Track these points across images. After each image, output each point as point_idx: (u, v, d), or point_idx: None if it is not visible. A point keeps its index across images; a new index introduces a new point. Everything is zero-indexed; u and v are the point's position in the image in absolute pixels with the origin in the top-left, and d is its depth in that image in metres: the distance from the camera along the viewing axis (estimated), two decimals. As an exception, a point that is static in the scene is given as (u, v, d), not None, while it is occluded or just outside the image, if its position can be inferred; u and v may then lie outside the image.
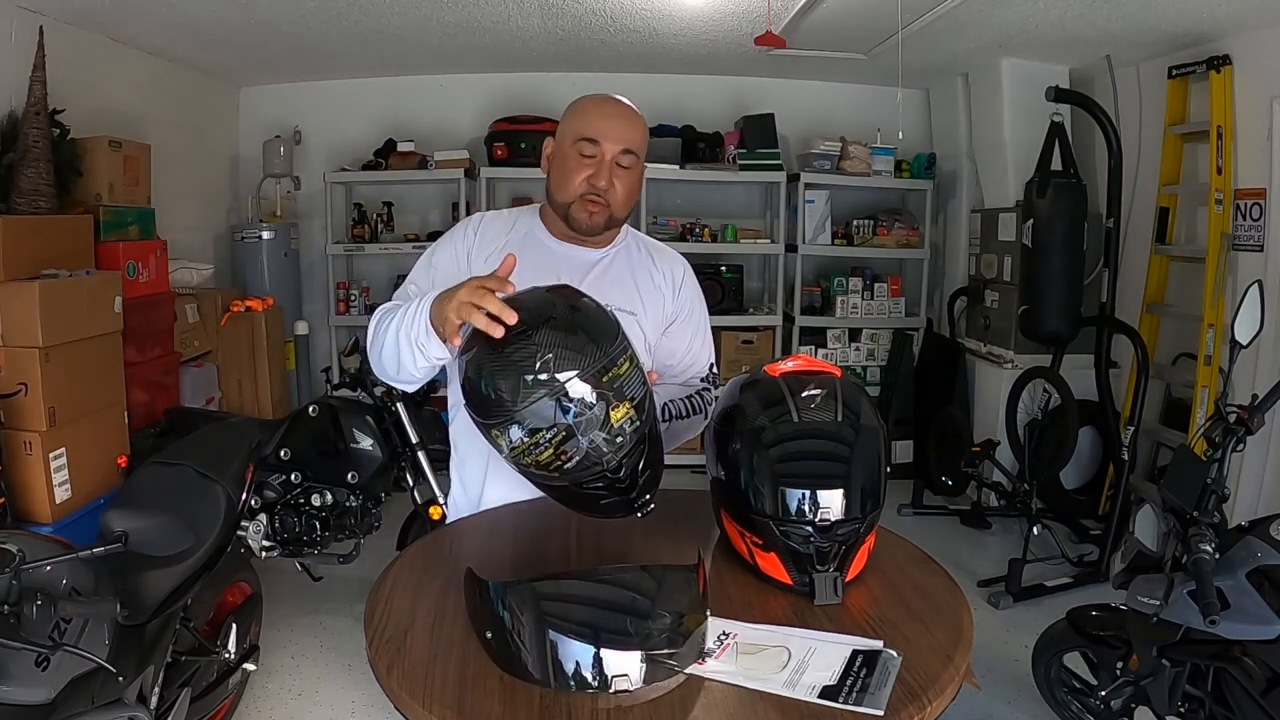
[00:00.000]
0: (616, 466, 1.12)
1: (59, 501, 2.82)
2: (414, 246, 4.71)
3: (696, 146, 4.76)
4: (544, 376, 1.06)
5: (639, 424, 1.12)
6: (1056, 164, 3.67)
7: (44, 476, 2.77)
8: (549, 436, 1.07)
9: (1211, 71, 3.46)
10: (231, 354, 4.11)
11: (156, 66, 4.10)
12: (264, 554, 3.02)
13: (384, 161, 4.77)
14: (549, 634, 0.95)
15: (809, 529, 1.16)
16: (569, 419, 1.06)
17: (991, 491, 4.02)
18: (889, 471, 1.24)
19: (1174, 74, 3.73)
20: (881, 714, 0.91)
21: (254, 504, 3.03)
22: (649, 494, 1.19)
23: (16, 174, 2.99)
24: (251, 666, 2.42)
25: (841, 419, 1.22)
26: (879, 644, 1.04)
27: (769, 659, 1.02)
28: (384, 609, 1.14)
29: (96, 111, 3.52)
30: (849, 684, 0.96)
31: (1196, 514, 1.75)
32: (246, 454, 2.22)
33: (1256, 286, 1.92)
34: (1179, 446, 2.36)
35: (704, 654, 1.01)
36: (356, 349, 4.80)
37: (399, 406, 3.09)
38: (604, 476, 1.12)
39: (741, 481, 1.21)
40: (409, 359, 1.32)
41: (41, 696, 1.47)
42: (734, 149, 4.75)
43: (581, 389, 1.06)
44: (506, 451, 1.11)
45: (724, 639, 1.06)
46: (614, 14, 3.65)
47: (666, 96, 4.82)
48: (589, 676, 0.94)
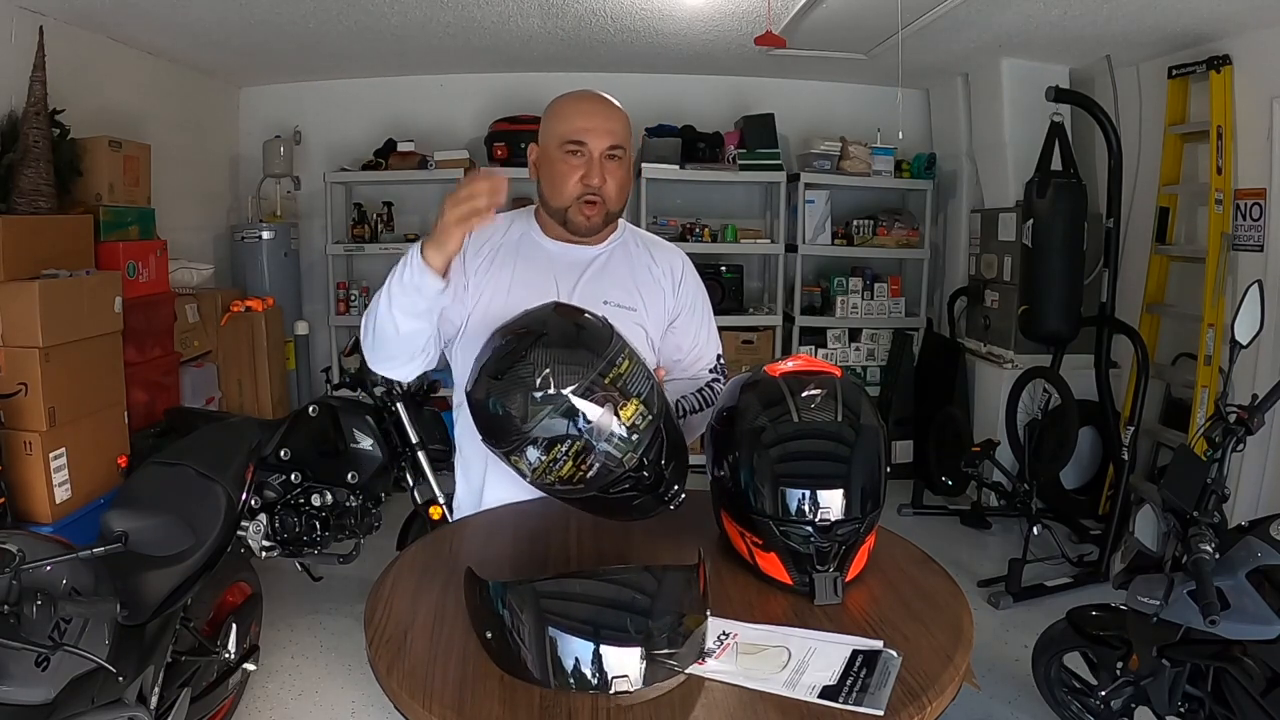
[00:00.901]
0: (638, 465, 1.13)
1: (59, 501, 2.82)
2: (414, 247, 4.70)
3: (696, 146, 4.77)
4: (550, 392, 1.07)
5: (651, 417, 1.13)
6: (1056, 164, 3.66)
7: (44, 476, 2.77)
8: (565, 450, 1.08)
9: (1211, 71, 3.46)
10: (231, 354, 4.12)
11: (156, 66, 4.10)
12: (264, 554, 3.02)
13: (384, 161, 4.77)
14: (549, 631, 0.95)
15: (809, 529, 1.16)
16: (581, 429, 1.07)
17: (991, 491, 4.02)
18: (889, 471, 1.24)
19: (1174, 74, 3.72)
20: (881, 714, 0.91)
21: (254, 504, 3.03)
22: (677, 484, 1.19)
23: (16, 174, 2.99)
24: (251, 666, 2.42)
25: (841, 419, 1.22)
26: (879, 644, 1.04)
27: (769, 659, 1.02)
28: (384, 609, 1.14)
29: (96, 111, 3.52)
30: (849, 684, 0.96)
31: (1196, 514, 1.75)
32: (246, 454, 2.22)
33: (1256, 286, 1.92)
34: (1179, 446, 2.36)
35: (704, 654, 1.01)
36: (356, 349, 4.76)
37: (399, 406, 3.09)
38: (628, 477, 1.13)
39: (741, 481, 1.21)
40: (404, 308, 1.33)
41: (41, 696, 1.47)
42: (734, 149, 4.75)
43: (586, 397, 1.07)
44: (529, 474, 1.13)
45: (724, 639, 1.06)
46: (614, 14, 3.65)
47: (666, 96, 4.82)
48: (589, 675, 0.94)
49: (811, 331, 4.99)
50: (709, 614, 1.02)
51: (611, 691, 0.94)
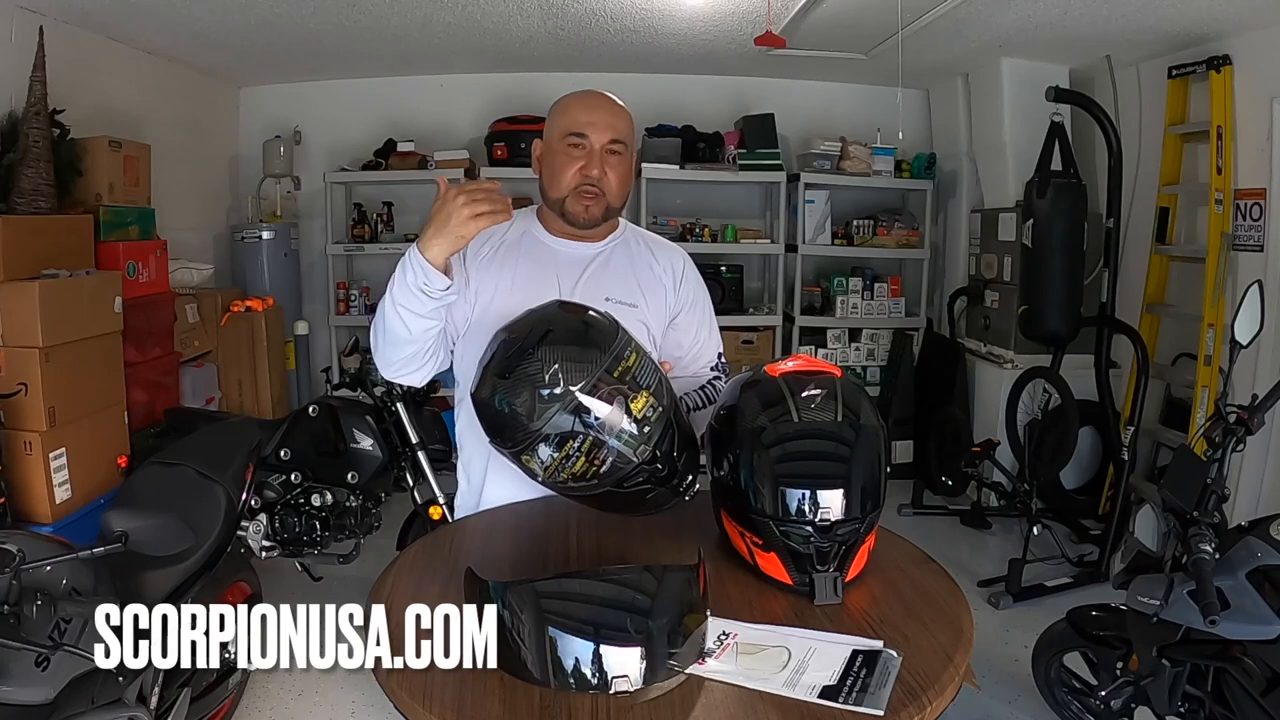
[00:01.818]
0: (650, 457, 1.12)
1: (59, 501, 2.82)
2: (414, 247, 4.70)
3: (696, 146, 4.76)
4: (558, 390, 1.06)
5: (661, 409, 1.13)
6: (1056, 164, 3.66)
7: (44, 476, 2.77)
8: (578, 445, 1.08)
9: (1211, 71, 3.46)
10: (231, 354, 4.11)
11: (156, 66, 4.09)
12: (264, 554, 3.02)
13: (384, 161, 4.77)
14: (548, 631, 0.95)
15: (809, 529, 1.16)
16: (592, 424, 1.07)
17: (991, 491, 4.02)
18: (889, 471, 1.24)
19: (1174, 74, 3.72)
20: (881, 714, 0.91)
21: (254, 504, 3.02)
22: (690, 475, 1.19)
23: (16, 174, 2.99)
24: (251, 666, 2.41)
25: (841, 419, 1.22)
26: (879, 644, 1.04)
27: (769, 659, 1.02)
28: (384, 609, 1.14)
29: (96, 111, 3.52)
30: (849, 684, 0.96)
31: (1196, 514, 1.75)
32: (246, 454, 2.23)
33: (1256, 286, 1.92)
34: (1179, 446, 2.36)
35: (704, 654, 1.01)
36: (356, 349, 4.79)
37: (399, 406, 3.10)
38: (642, 470, 1.13)
39: (741, 481, 1.21)
40: (411, 309, 1.32)
41: (41, 696, 1.47)
42: (734, 149, 4.75)
43: (595, 393, 1.07)
44: (541, 474, 1.12)
45: (724, 639, 1.06)
46: (614, 14, 3.65)
47: (666, 96, 4.82)
48: (589, 675, 0.94)
49: (811, 331, 4.98)
50: (709, 614, 1.03)
51: (611, 691, 0.94)
